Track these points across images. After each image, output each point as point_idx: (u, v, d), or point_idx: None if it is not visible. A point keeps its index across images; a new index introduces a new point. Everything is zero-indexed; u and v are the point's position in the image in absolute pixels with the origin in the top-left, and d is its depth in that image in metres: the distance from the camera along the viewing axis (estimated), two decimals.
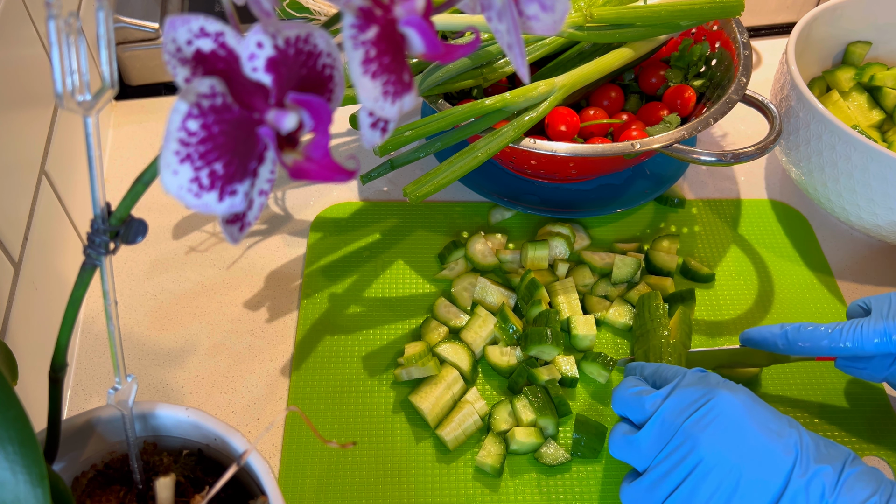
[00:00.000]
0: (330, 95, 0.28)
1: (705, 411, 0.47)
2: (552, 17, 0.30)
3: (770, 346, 0.58)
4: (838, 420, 0.62)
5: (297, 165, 0.27)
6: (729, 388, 0.49)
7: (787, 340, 0.57)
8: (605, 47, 0.70)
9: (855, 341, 0.54)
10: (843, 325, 0.55)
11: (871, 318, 0.54)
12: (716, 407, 0.47)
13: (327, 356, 0.64)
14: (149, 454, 0.45)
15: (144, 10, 0.82)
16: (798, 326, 0.56)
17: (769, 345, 0.58)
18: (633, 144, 0.63)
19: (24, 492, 0.31)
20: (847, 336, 0.54)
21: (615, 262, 0.68)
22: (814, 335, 0.56)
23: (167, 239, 0.72)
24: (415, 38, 0.27)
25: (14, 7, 0.57)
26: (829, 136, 0.66)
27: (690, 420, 0.47)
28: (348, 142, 0.82)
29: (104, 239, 0.32)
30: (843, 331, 0.54)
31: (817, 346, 0.55)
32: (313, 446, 0.59)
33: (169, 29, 0.26)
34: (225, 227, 0.28)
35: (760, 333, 0.59)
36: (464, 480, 0.57)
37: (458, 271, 0.69)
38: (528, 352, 0.62)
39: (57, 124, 0.65)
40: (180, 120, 0.25)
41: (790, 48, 0.71)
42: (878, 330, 0.53)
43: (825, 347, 0.55)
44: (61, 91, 0.28)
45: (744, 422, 0.46)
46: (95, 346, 0.65)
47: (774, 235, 0.75)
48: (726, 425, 0.46)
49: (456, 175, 0.61)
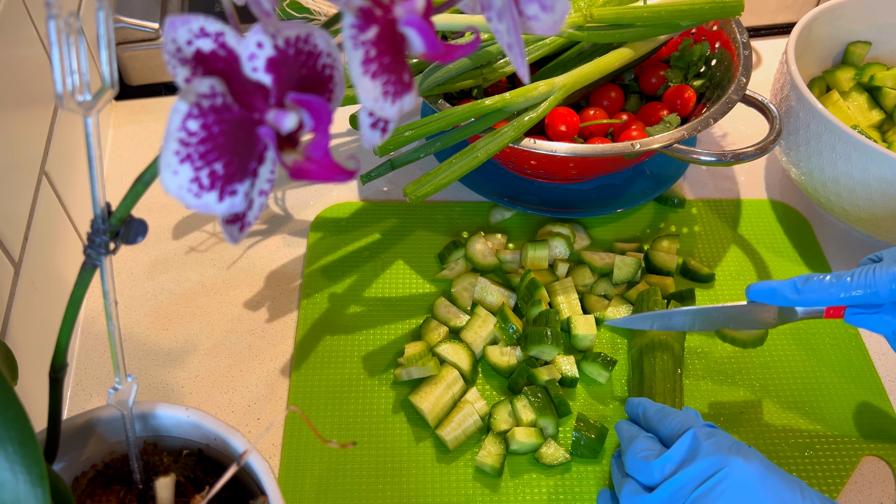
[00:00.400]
0: (330, 95, 0.28)
1: (717, 481, 0.46)
2: (552, 17, 0.30)
3: (779, 298, 0.55)
4: (838, 420, 0.62)
5: (297, 165, 0.27)
6: (742, 454, 0.47)
7: (797, 290, 0.54)
8: (605, 47, 0.70)
9: (868, 286, 0.52)
10: (854, 271, 0.53)
11: (884, 264, 0.52)
12: (728, 476, 0.46)
13: (327, 356, 0.64)
14: (149, 454, 0.45)
15: (144, 10, 0.82)
16: (807, 276, 0.54)
17: (778, 297, 0.55)
18: (633, 144, 0.63)
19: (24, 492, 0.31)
20: (859, 281, 0.52)
21: (616, 263, 0.68)
22: (823, 283, 0.53)
23: (167, 239, 0.72)
24: (415, 38, 0.27)
25: (14, 7, 0.57)
26: (829, 136, 0.66)
27: (701, 490, 0.46)
28: (348, 142, 0.82)
29: (104, 239, 0.32)
30: (854, 276, 0.52)
31: (828, 294, 0.53)
32: (313, 446, 0.59)
33: (169, 29, 0.26)
34: (225, 227, 0.28)
35: (769, 285, 0.56)
36: (464, 480, 0.57)
37: (458, 271, 0.69)
38: (528, 352, 0.62)
39: (57, 124, 0.65)
40: (180, 120, 0.25)
41: (790, 48, 0.71)
42: (891, 273, 0.51)
43: (836, 295, 0.53)
44: (61, 91, 0.28)
45: (757, 493, 0.45)
46: (95, 346, 0.65)
47: (774, 235, 0.75)
48: (739, 497, 0.45)
49: (456, 175, 0.61)
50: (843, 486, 0.58)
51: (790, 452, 0.60)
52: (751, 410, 0.62)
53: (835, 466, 0.59)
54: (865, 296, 0.52)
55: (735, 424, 0.61)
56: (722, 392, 0.63)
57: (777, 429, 0.61)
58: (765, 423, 0.61)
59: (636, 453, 0.51)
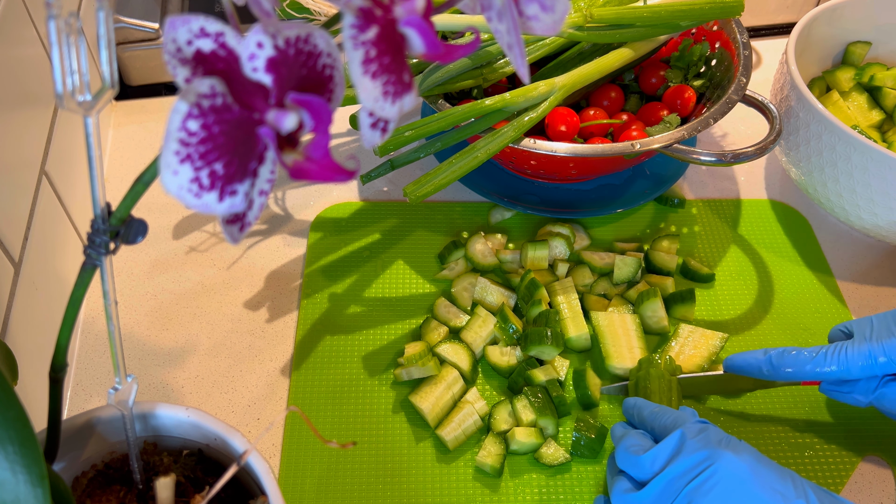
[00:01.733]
0: (330, 95, 0.28)
1: (708, 476, 0.46)
2: (552, 18, 0.30)
3: (755, 372, 0.57)
4: (838, 421, 0.62)
5: (297, 165, 0.27)
6: (732, 447, 0.48)
7: (772, 366, 0.56)
8: (605, 47, 0.70)
9: (840, 364, 0.53)
10: (827, 348, 0.54)
11: (855, 341, 0.54)
12: (718, 471, 0.46)
13: (327, 356, 0.64)
14: (149, 454, 0.45)
15: (144, 10, 0.82)
16: (782, 351, 0.56)
17: (753, 371, 0.57)
18: (633, 144, 0.63)
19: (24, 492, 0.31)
20: (832, 359, 0.54)
21: (616, 263, 0.68)
22: (798, 360, 0.55)
23: (167, 239, 0.72)
24: (415, 38, 0.27)
25: (14, 7, 0.57)
26: (828, 137, 0.66)
27: (692, 485, 0.46)
28: (348, 142, 0.82)
29: (104, 239, 0.32)
30: (827, 354, 0.54)
31: (801, 371, 0.55)
32: (313, 446, 0.59)
33: (169, 29, 0.26)
34: (225, 227, 0.28)
35: (745, 359, 0.58)
36: (464, 480, 0.57)
37: (458, 271, 0.69)
38: (528, 352, 0.62)
39: (57, 124, 0.65)
40: (180, 120, 0.25)
41: (790, 48, 0.71)
42: (862, 352, 0.53)
43: (810, 372, 0.54)
44: (61, 91, 0.28)
45: (748, 485, 0.45)
46: (95, 346, 0.65)
47: (774, 235, 0.75)
48: (730, 490, 0.45)
49: (456, 175, 0.61)
50: (843, 486, 0.58)
51: (790, 452, 0.60)
52: (751, 410, 0.62)
53: (835, 466, 0.59)
54: (839, 373, 0.54)
55: (735, 424, 0.61)
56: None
57: (777, 428, 0.61)
58: (765, 423, 0.61)
59: (627, 447, 0.51)
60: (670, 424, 0.51)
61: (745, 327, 0.67)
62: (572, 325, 0.64)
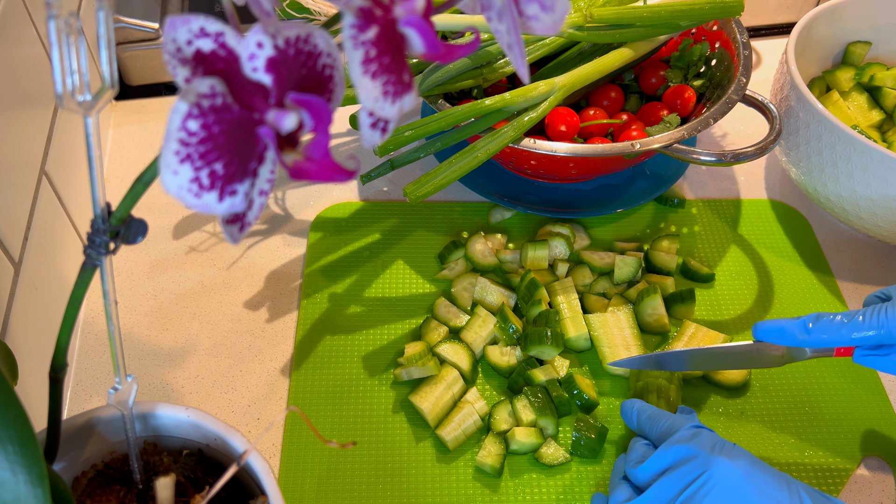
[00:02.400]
0: (330, 95, 0.28)
1: (702, 482, 0.46)
2: (552, 17, 0.30)
3: (788, 338, 0.53)
4: (838, 420, 0.62)
5: (297, 165, 0.27)
6: (726, 452, 0.47)
7: (807, 331, 0.52)
8: (605, 47, 0.70)
9: (880, 326, 0.50)
10: (865, 310, 0.51)
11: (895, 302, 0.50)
12: (713, 477, 0.46)
13: (327, 356, 0.64)
14: (149, 454, 0.45)
15: (144, 10, 0.82)
16: (817, 316, 0.53)
17: (787, 337, 0.53)
18: (633, 144, 0.63)
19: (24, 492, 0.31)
20: (871, 321, 0.50)
21: (616, 262, 0.68)
22: (832, 324, 0.52)
23: (167, 239, 0.72)
24: (415, 38, 0.27)
25: (14, 7, 0.57)
26: (828, 136, 0.66)
27: (687, 493, 0.46)
28: (348, 142, 0.82)
29: (104, 239, 0.32)
30: (866, 316, 0.51)
31: (839, 335, 0.51)
32: (313, 446, 0.59)
33: (169, 29, 0.26)
34: (225, 227, 0.28)
35: (777, 325, 0.54)
36: (464, 480, 0.57)
37: (458, 271, 0.69)
38: (528, 352, 0.62)
39: (57, 124, 0.65)
40: (180, 120, 0.25)
41: (790, 48, 0.71)
42: None
43: (847, 336, 0.51)
44: (61, 91, 0.28)
45: (743, 491, 0.45)
46: (95, 346, 0.65)
47: (774, 235, 0.75)
48: (725, 496, 0.45)
49: (456, 175, 0.61)
50: (843, 486, 0.58)
51: (790, 452, 0.60)
52: (751, 410, 0.62)
53: (835, 466, 0.59)
54: (878, 336, 0.51)
55: (735, 424, 0.61)
56: (722, 391, 0.63)
57: (777, 429, 0.61)
58: (765, 423, 0.61)
59: (630, 461, 0.51)
60: (665, 430, 0.51)
61: (745, 327, 0.67)
62: (572, 325, 0.64)
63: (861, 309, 0.52)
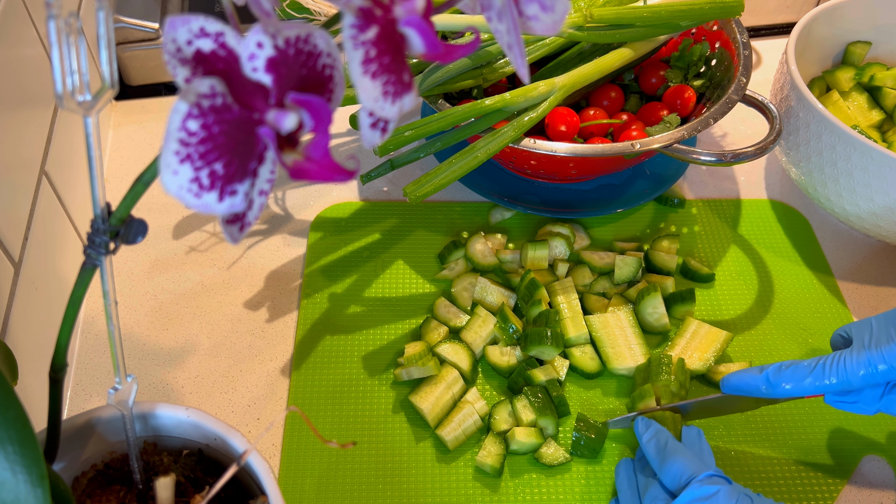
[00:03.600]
0: (330, 95, 0.28)
1: None
2: (552, 17, 0.30)
3: (753, 391, 0.54)
4: (838, 420, 0.62)
5: (297, 165, 0.27)
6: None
7: (770, 383, 0.53)
8: (605, 47, 0.70)
9: (840, 375, 0.50)
10: (825, 359, 0.52)
11: (854, 349, 0.51)
12: None
13: (327, 356, 0.64)
14: (149, 454, 0.45)
15: (144, 10, 0.82)
16: (778, 366, 0.53)
17: (752, 390, 0.54)
18: (633, 144, 0.63)
19: (24, 492, 0.31)
20: (831, 371, 0.51)
21: (616, 262, 0.68)
22: (796, 374, 0.52)
23: (167, 239, 0.72)
24: (415, 38, 0.27)
25: (14, 7, 0.57)
26: (828, 136, 0.66)
27: None
28: (348, 142, 0.82)
29: (104, 239, 0.32)
30: (825, 366, 0.51)
31: (801, 386, 0.52)
32: (313, 446, 0.59)
33: (169, 29, 0.26)
34: (225, 227, 0.28)
35: (741, 379, 0.55)
36: (464, 480, 0.57)
37: (458, 271, 0.69)
38: (528, 352, 0.62)
39: (57, 124, 0.65)
40: (180, 120, 0.25)
41: (790, 48, 0.71)
42: (861, 361, 0.50)
43: (810, 386, 0.52)
44: (61, 91, 0.28)
45: None
46: (95, 346, 0.65)
47: (774, 235, 0.75)
48: None
49: (456, 175, 0.61)
50: (843, 486, 0.58)
51: (790, 452, 0.60)
52: (751, 410, 0.62)
53: (835, 466, 0.59)
54: (840, 384, 0.51)
55: (736, 425, 0.61)
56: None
57: (778, 429, 0.61)
58: (765, 424, 0.61)
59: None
60: (677, 474, 0.50)
61: (746, 327, 0.67)
62: (572, 325, 0.64)
63: (821, 357, 0.52)
